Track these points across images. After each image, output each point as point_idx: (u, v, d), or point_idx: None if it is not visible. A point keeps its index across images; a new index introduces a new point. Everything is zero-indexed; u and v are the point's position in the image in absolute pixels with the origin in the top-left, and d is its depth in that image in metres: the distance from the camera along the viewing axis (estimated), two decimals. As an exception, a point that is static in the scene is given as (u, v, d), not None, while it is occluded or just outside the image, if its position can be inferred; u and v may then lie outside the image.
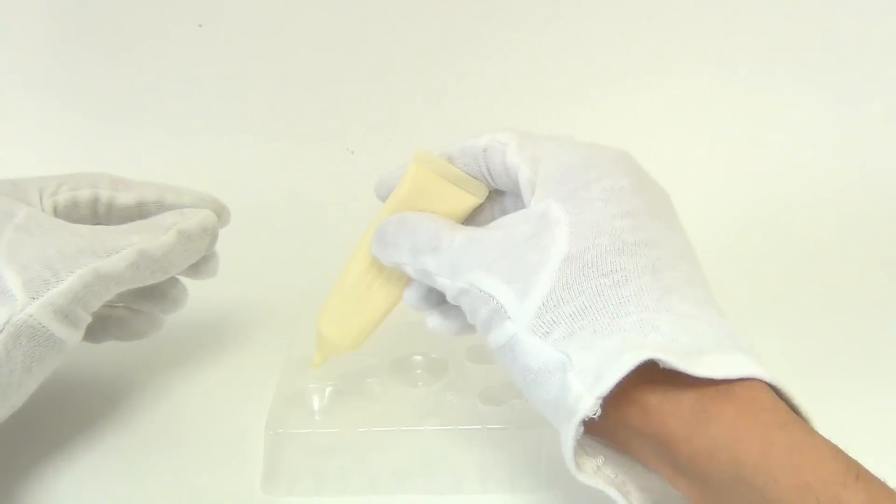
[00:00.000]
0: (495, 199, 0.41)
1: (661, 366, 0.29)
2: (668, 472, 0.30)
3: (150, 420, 0.46)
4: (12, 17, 0.72)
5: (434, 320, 0.40)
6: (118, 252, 0.40)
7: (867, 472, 0.27)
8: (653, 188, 0.37)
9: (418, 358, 0.46)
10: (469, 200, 0.40)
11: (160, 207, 0.45)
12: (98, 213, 0.45)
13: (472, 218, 0.41)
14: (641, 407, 0.30)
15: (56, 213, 0.44)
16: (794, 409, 0.29)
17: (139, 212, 0.45)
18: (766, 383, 0.29)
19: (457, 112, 0.75)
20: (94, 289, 0.39)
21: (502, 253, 0.36)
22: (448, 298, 0.37)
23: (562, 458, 0.32)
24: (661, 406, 0.30)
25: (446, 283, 0.37)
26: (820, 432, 0.29)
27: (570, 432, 0.30)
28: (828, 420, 0.45)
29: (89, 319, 0.40)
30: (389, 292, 0.41)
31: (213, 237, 0.45)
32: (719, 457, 0.28)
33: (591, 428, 0.31)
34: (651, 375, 0.29)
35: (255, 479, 0.41)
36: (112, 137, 0.74)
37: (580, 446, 0.32)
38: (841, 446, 0.28)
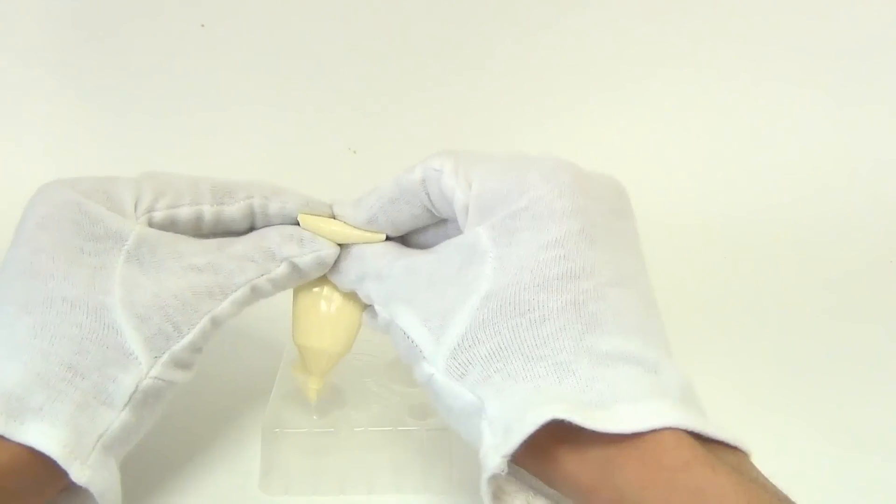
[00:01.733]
0: (441, 228, 0.40)
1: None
2: None
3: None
4: (13, 17, 0.73)
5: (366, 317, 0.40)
6: (234, 292, 0.38)
7: (772, 499, 0.26)
8: (594, 197, 0.35)
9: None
10: (371, 237, 0.40)
11: (264, 216, 0.40)
12: (200, 229, 0.40)
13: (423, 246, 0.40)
14: (553, 458, 0.29)
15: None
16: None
17: (245, 222, 0.40)
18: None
19: (457, 112, 0.75)
20: (209, 334, 0.37)
21: (427, 286, 0.35)
22: (380, 327, 0.37)
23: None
24: (571, 458, 0.29)
25: (380, 311, 0.37)
26: (729, 462, 0.28)
27: (483, 487, 0.29)
28: (826, 419, 0.45)
29: (200, 355, 0.38)
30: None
31: (327, 269, 0.41)
32: None
33: (519, 461, 0.30)
34: (563, 425, 0.28)
35: (252, 478, 0.41)
36: (112, 137, 0.74)
37: (509, 478, 0.31)
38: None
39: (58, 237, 0.36)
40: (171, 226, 0.39)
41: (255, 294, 0.39)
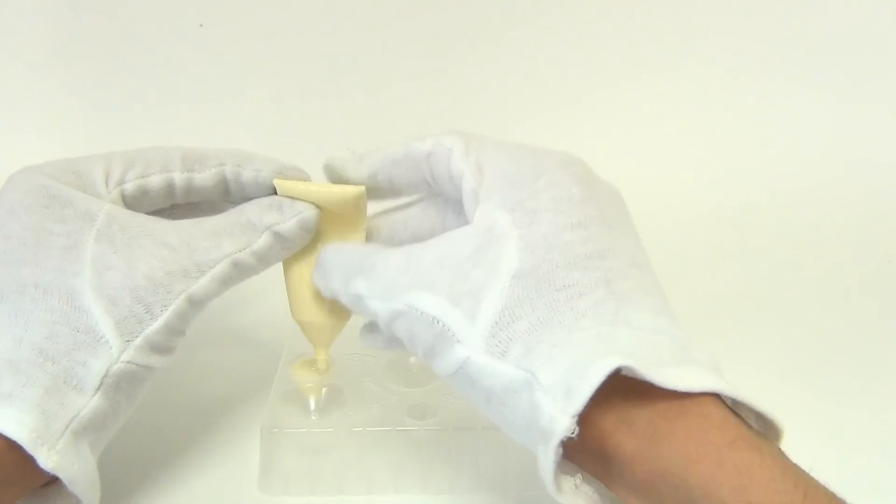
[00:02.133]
0: (436, 206, 0.40)
1: (625, 374, 0.28)
2: (624, 494, 0.29)
3: (147, 418, 0.46)
4: (12, 16, 0.73)
5: (362, 334, 0.40)
6: (211, 268, 0.37)
7: (817, 488, 0.26)
8: (603, 192, 0.36)
9: (414, 358, 0.46)
10: (352, 191, 0.39)
11: (238, 184, 0.40)
12: (173, 197, 0.40)
13: (411, 230, 0.41)
14: (598, 427, 0.29)
15: (124, 203, 0.38)
16: (762, 419, 0.29)
17: (217, 189, 0.40)
18: (722, 398, 0.28)
19: (457, 111, 0.75)
20: (187, 314, 0.36)
21: (445, 271, 0.34)
22: (380, 325, 0.36)
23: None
24: (617, 426, 0.29)
25: (378, 307, 0.35)
26: (782, 441, 0.28)
27: (549, 455, 0.28)
28: (823, 416, 0.45)
29: (181, 339, 0.37)
30: None
31: (312, 234, 0.40)
32: (671, 480, 0.27)
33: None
34: (606, 395, 0.28)
35: (251, 478, 0.41)
36: (111, 136, 0.74)
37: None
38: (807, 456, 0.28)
39: (27, 222, 0.36)
40: (143, 196, 0.39)
41: (238, 269, 0.38)
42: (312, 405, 0.43)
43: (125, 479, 0.41)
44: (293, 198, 0.39)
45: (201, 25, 0.73)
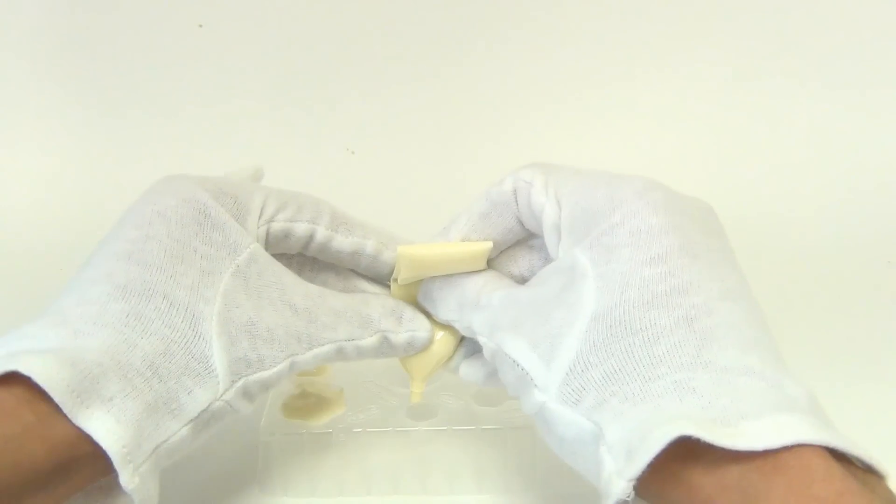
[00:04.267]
0: (531, 251, 0.39)
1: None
2: None
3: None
4: (11, 16, 0.73)
5: (462, 368, 0.40)
6: (320, 346, 0.37)
7: None
8: (690, 215, 0.34)
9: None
10: (480, 248, 0.38)
11: (373, 261, 0.40)
12: (307, 249, 0.40)
13: (505, 265, 0.39)
14: (685, 483, 0.27)
15: (267, 241, 0.39)
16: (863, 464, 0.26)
17: (349, 259, 0.40)
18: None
19: (457, 112, 0.75)
20: (283, 376, 0.36)
21: (531, 312, 0.33)
22: (486, 357, 0.36)
23: (555, 457, 0.32)
24: (705, 481, 0.26)
25: (484, 342, 0.35)
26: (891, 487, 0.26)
27: None
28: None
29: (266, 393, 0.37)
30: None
31: (418, 351, 0.40)
32: None
33: (645, 491, 0.27)
34: (692, 445, 0.26)
35: (251, 479, 0.41)
36: (110, 137, 0.74)
37: None
38: None
39: (175, 232, 0.35)
40: (284, 238, 0.39)
41: (339, 355, 0.38)
42: (312, 406, 0.43)
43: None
44: (418, 264, 0.38)
45: (201, 26, 0.73)
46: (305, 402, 0.42)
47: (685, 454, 0.26)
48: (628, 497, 0.26)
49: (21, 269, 0.65)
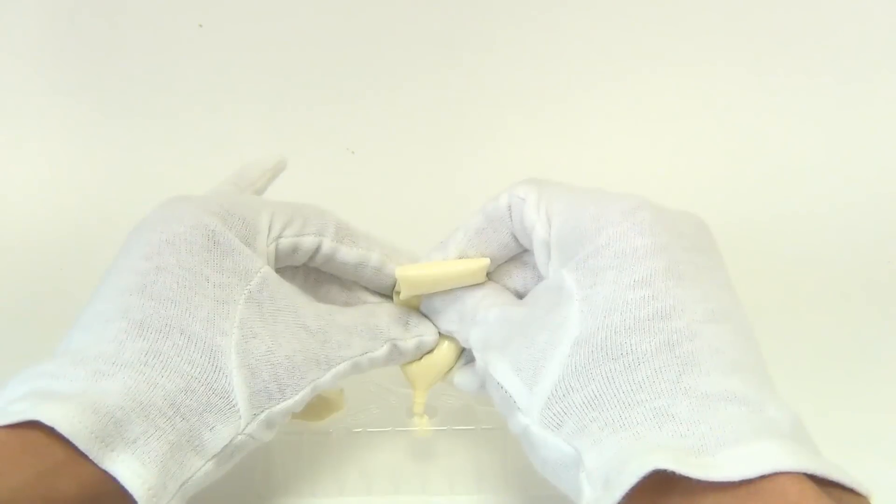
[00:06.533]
0: (521, 259, 0.40)
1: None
2: None
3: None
4: (10, 16, 0.73)
5: (457, 376, 0.40)
6: (337, 365, 0.37)
7: None
8: (676, 233, 0.33)
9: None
10: (475, 265, 0.38)
11: (377, 273, 0.40)
12: (313, 260, 0.40)
13: (500, 280, 0.40)
14: None
15: (276, 258, 0.39)
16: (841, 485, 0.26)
17: (353, 271, 0.40)
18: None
19: (457, 112, 0.75)
20: (305, 401, 0.36)
21: (518, 333, 0.34)
22: (479, 373, 0.36)
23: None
24: None
25: (477, 357, 0.36)
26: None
27: None
28: (823, 418, 0.45)
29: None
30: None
31: (426, 353, 0.41)
32: None
33: None
34: (669, 475, 0.26)
35: (252, 480, 0.41)
36: (109, 137, 0.74)
37: None
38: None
39: (186, 261, 0.35)
40: (292, 253, 0.39)
41: (354, 370, 0.38)
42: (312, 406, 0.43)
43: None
44: (417, 284, 0.39)
45: (201, 26, 0.73)
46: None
47: (663, 483, 0.26)
48: None
49: (21, 268, 0.65)
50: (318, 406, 0.42)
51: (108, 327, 0.33)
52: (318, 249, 0.39)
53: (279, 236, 0.38)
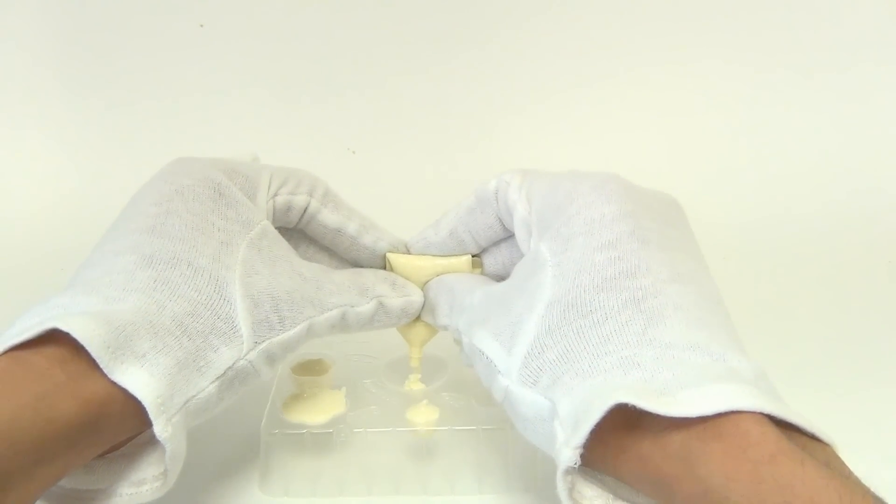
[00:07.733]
0: (507, 242, 0.42)
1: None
2: None
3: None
4: (12, 16, 0.73)
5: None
6: (329, 311, 0.39)
7: (865, 497, 0.25)
8: (643, 203, 0.36)
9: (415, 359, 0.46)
10: (457, 262, 0.43)
11: (353, 243, 0.43)
12: (300, 221, 0.42)
13: (488, 264, 0.43)
14: (633, 453, 0.28)
15: (273, 215, 0.41)
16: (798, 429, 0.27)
17: (332, 236, 0.43)
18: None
19: (457, 111, 0.75)
20: (301, 340, 0.38)
21: (497, 304, 0.36)
22: (466, 353, 0.38)
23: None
24: (652, 449, 0.28)
25: (465, 341, 0.38)
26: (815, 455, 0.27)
27: (559, 484, 0.29)
28: (824, 417, 0.45)
29: (284, 360, 0.39)
30: None
31: (413, 318, 0.43)
32: (712, 498, 0.26)
33: (595, 464, 0.30)
34: (638, 417, 0.28)
35: (252, 480, 0.41)
36: (110, 136, 0.75)
37: (588, 480, 0.30)
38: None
39: (194, 207, 0.37)
40: (286, 212, 0.41)
41: (342, 322, 0.40)
42: (313, 406, 0.43)
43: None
44: (404, 276, 0.43)
45: (201, 26, 0.73)
46: (306, 402, 0.42)
47: (632, 425, 0.28)
48: (575, 465, 0.28)
49: (21, 268, 0.65)
50: (319, 406, 0.42)
51: (118, 260, 0.35)
52: (306, 209, 0.42)
53: (276, 194, 0.41)
